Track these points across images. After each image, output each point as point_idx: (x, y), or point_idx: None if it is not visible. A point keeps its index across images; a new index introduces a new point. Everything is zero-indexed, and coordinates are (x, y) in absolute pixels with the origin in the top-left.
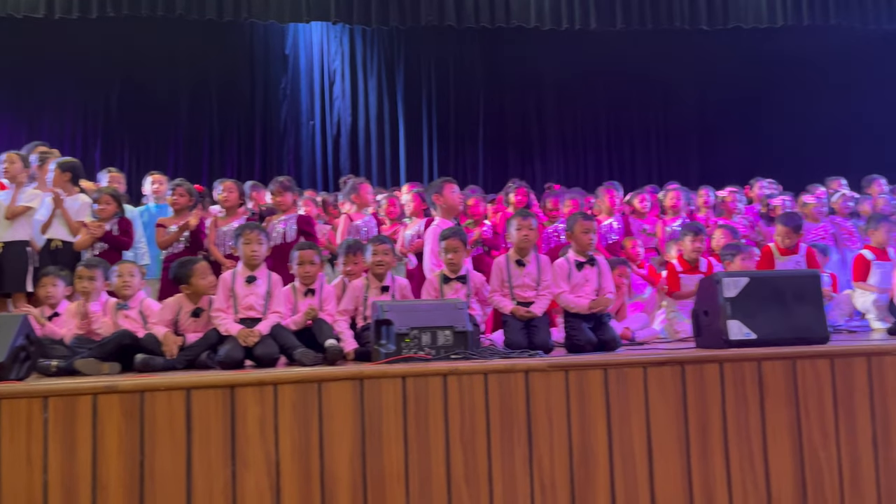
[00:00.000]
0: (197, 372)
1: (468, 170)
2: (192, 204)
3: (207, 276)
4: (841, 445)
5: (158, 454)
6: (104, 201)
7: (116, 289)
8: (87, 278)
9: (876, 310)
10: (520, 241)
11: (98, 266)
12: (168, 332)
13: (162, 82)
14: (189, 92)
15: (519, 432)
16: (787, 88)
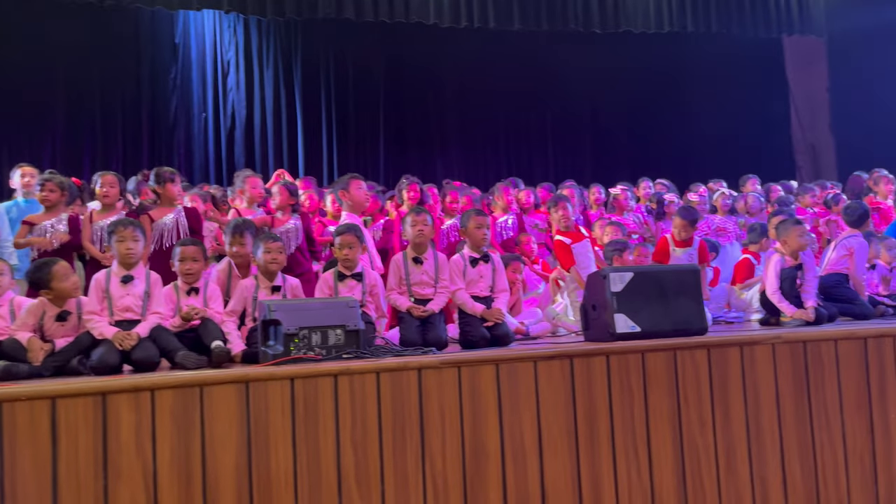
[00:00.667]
0: (65, 379)
1: (368, 166)
2: (65, 199)
3: (69, 278)
4: (717, 432)
5: (19, 470)
6: None
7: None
8: None
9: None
10: (415, 238)
11: None
12: (32, 338)
13: (38, 70)
14: (68, 80)
15: (411, 431)
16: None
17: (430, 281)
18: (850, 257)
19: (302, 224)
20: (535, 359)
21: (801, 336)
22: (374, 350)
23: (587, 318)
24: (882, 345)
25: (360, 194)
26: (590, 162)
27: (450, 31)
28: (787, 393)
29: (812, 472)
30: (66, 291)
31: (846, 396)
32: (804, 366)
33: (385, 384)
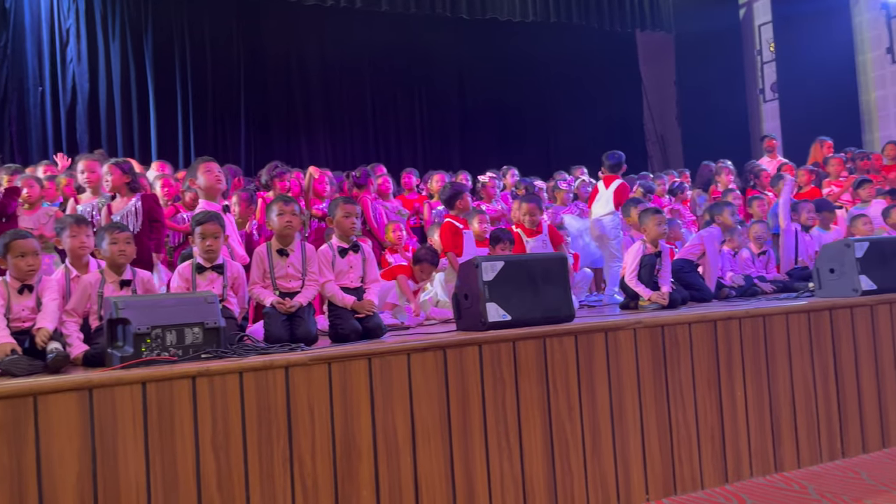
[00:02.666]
0: None
1: (229, 149)
2: None
3: None
4: (584, 416)
5: None
6: None
7: None
8: None
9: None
10: (282, 229)
11: None
12: None
13: None
14: None
15: (278, 432)
16: (537, 82)
17: (297, 274)
18: (702, 247)
19: (144, 206)
20: (409, 351)
21: (659, 320)
22: (236, 349)
23: (459, 307)
24: (729, 326)
25: (211, 178)
26: (457, 148)
27: (315, 9)
28: (646, 375)
29: (669, 449)
30: None
31: (699, 376)
32: (662, 348)
33: (249, 384)
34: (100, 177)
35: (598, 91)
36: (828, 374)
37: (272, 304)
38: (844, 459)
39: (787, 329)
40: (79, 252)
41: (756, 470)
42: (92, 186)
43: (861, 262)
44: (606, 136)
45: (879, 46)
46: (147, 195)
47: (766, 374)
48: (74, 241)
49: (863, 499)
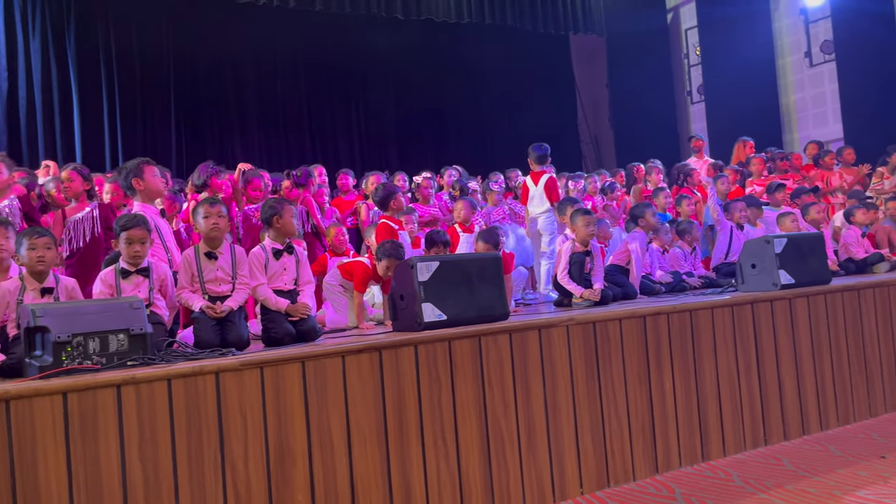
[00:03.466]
0: None
1: (159, 150)
2: None
3: None
4: (519, 413)
5: None
6: None
7: None
8: None
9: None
10: (208, 231)
11: None
12: None
13: None
14: None
15: (209, 439)
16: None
17: (227, 277)
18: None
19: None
20: (343, 353)
21: (591, 317)
22: (164, 355)
23: (395, 308)
24: (658, 321)
25: (155, 181)
26: (395, 149)
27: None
28: (579, 371)
29: (602, 443)
30: None
31: (629, 371)
32: (594, 344)
33: (178, 392)
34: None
35: (534, 92)
36: (750, 365)
37: (201, 309)
38: (767, 447)
39: (712, 323)
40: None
41: (685, 460)
42: None
43: (780, 258)
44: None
45: (798, 51)
46: (104, 204)
47: (693, 367)
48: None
49: (784, 484)
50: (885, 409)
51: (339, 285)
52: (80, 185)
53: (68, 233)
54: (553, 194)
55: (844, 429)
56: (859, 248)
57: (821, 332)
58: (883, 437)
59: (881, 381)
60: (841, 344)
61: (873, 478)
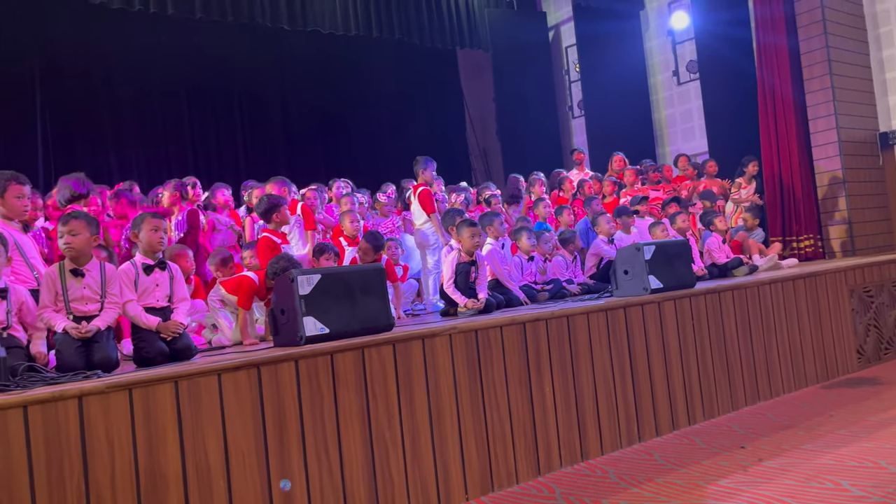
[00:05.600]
0: None
1: (24, 163)
2: None
3: None
4: (403, 423)
5: None
6: None
7: None
8: None
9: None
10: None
11: None
12: None
13: None
14: None
15: (71, 467)
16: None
17: (94, 295)
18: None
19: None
20: (219, 371)
21: (473, 325)
22: (20, 380)
23: (276, 322)
24: (537, 328)
25: (18, 203)
26: (283, 161)
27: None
28: (462, 378)
29: (485, 448)
30: None
31: (511, 376)
32: (476, 352)
33: (35, 419)
34: None
35: (423, 105)
36: (624, 366)
37: (65, 330)
38: (640, 443)
39: (588, 327)
40: None
41: (565, 460)
42: None
43: (649, 264)
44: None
45: (667, 69)
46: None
47: (571, 370)
48: None
49: (655, 478)
50: (746, 402)
51: (220, 301)
52: None
53: None
54: (427, 206)
55: (710, 422)
56: (720, 253)
57: (687, 332)
58: (743, 428)
59: (741, 376)
60: (705, 343)
61: (734, 467)
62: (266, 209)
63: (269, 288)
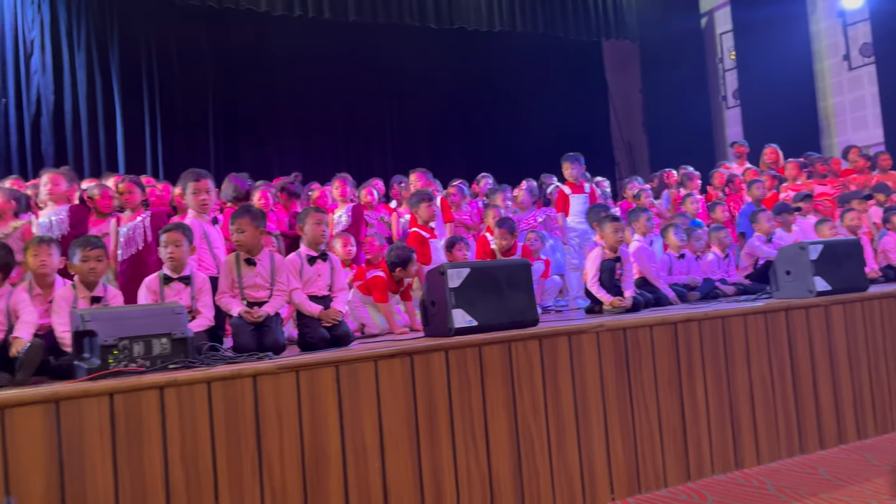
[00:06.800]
0: None
1: (198, 159)
2: None
3: None
4: (549, 417)
5: None
6: None
7: None
8: None
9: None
10: (238, 244)
11: None
12: None
13: None
14: None
15: (247, 441)
16: (505, 90)
17: (265, 283)
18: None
19: (151, 223)
20: (376, 358)
21: (621, 323)
22: (204, 358)
23: (426, 313)
24: (689, 328)
25: (197, 198)
26: (427, 158)
27: (283, 19)
28: (609, 376)
29: (632, 448)
30: None
31: (660, 377)
32: (624, 351)
33: (217, 394)
34: (62, 190)
35: (566, 99)
36: (785, 372)
37: (239, 314)
38: (802, 456)
39: (745, 330)
40: (40, 271)
41: (717, 467)
42: (53, 199)
43: (815, 265)
44: (574, 143)
45: (836, 54)
46: (155, 213)
47: (725, 374)
48: (35, 261)
49: (819, 493)
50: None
51: (359, 300)
52: (138, 195)
53: (121, 241)
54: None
55: (883, 437)
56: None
57: (858, 339)
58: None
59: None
60: (879, 351)
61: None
62: (415, 203)
63: (399, 280)
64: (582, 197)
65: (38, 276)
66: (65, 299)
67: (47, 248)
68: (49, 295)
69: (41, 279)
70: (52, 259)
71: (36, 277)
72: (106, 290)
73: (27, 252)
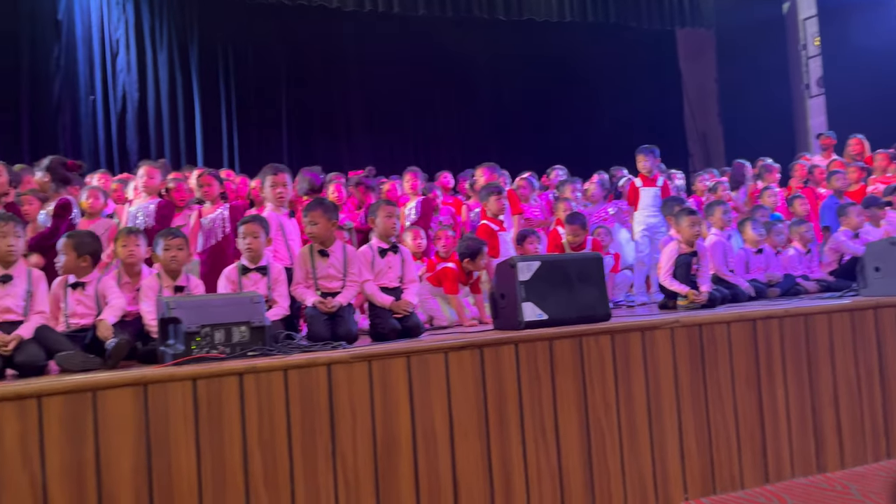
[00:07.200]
0: None
1: (272, 152)
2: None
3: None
4: (620, 413)
5: None
6: None
7: None
8: None
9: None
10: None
11: None
12: None
13: None
14: None
15: (321, 428)
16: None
17: (338, 274)
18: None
19: (231, 215)
20: (446, 350)
21: (697, 319)
22: (280, 346)
23: (496, 306)
24: (769, 326)
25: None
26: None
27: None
28: (684, 374)
29: (707, 448)
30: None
31: (738, 375)
32: (700, 347)
33: (293, 381)
34: (157, 184)
35: (638, 90)
36: (872, 374)
37: (314, 304)
38: (889, 460)
39: (829, 328)
40: (128, 260)
41: (798, 470)
42: (147, 191)
43: None
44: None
45: None
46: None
47: (807, 374)
48: (124, 251)
49: None
50: None
51: (428, 292)
52: (217, 188)
53: (202, 232)
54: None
55: None
56: None
57: None
58: None
59: None
60: None
61: None
62: (484, 196)
63: (469, 272)
64: (653, 190)
65: (127, 265)
66: (151, 288)
67: (135, 238)
68: (136, 283)
69: (129, 268)
70: (140, 249)
71: (124, 267)
72: (188, 280)
73: (116, 242)
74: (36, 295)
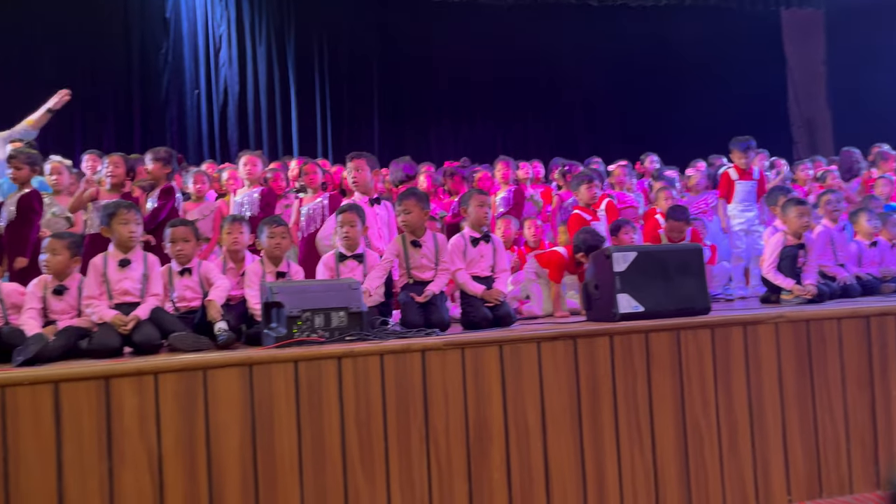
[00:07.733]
0: (66, 363)
1: (363, 142)
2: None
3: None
4: (720, 412)
5: (23, 455)
6: None
7: None
8: None
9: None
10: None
11: None
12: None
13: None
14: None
15: (415, 412)
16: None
17: (430, 264)
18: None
19: (331, 203)
20: (539, 339)
21: (803, 315)
22: (377, 332)
23: (589, 297)
24: (884, 323)
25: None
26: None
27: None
28: (789, 372)
29: (814, 452)
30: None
31: (848, 375)
32: (807, 344)
33: (389, 366)
34: (259, 172)
35: (738, 74)
36: None
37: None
38: None
39: None
40: (233, 247)
41: None
42: (250, 180)
43: None
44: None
45: None
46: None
47: None
48: (229, 238)
49: None
50: None
51: (534, 273)
52: (319, 177)
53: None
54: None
55: None
56: None
57: None
58: None
59: None
60: None
61: None
62: (576, 185)
63: (578, 262)
64: (749, 183)
65: (231, 251)
66: (255, 273)
67: (239, 226)
68: (240, 269)
69: (234, 255)
70: (244, 236)
71: (229, 253)
72: (289, 266)
73: (222, 230)
74: (151, 278)
